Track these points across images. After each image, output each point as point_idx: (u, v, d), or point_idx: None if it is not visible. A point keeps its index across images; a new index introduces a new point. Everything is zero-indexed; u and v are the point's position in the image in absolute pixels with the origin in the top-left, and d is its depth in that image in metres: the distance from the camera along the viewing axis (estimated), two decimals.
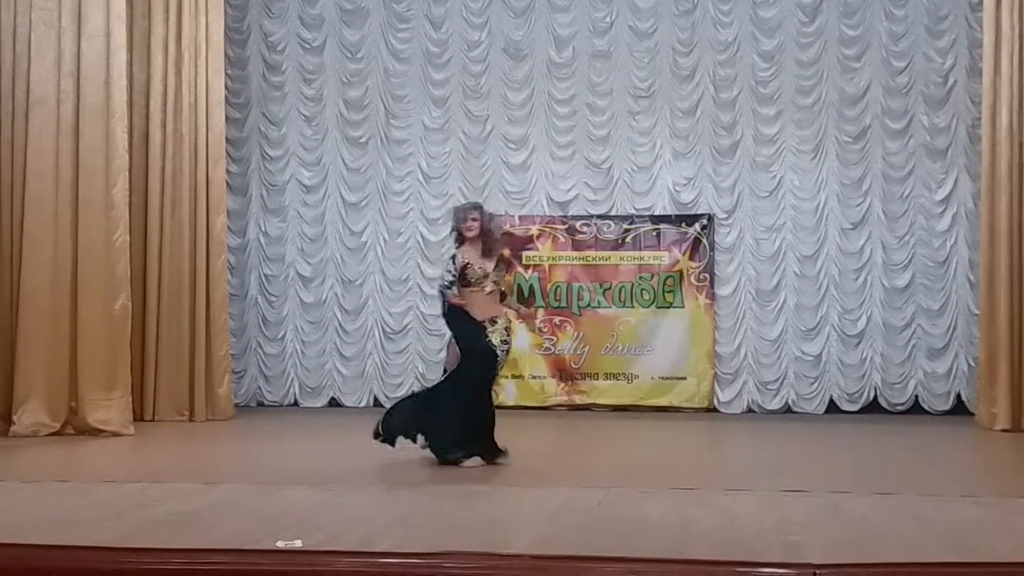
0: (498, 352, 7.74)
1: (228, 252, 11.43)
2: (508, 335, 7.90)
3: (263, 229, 12.33)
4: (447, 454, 7.62)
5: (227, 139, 11.37)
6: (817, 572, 4.28)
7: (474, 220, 7.79)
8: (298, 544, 4.79)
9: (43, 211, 9.31)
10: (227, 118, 11.32)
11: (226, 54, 11.34)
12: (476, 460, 7.63)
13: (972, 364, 11.11)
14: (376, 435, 7.76)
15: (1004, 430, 9.91)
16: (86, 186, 9.41)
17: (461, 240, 7.84)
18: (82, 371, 9.35)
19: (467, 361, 7.73)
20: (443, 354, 9.47)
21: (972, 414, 10.79)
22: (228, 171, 11.55)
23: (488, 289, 7.75)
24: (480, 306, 7.72)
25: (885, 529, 5.49)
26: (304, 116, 12.28)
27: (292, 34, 12.29)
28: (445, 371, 8.24)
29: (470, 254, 7.76)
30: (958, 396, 11.42)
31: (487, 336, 7.70)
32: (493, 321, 7.76)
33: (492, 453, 7.72)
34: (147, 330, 10.54)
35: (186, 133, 10.63)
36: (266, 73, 12.31)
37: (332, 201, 12.26)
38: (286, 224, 12.32)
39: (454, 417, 7.61)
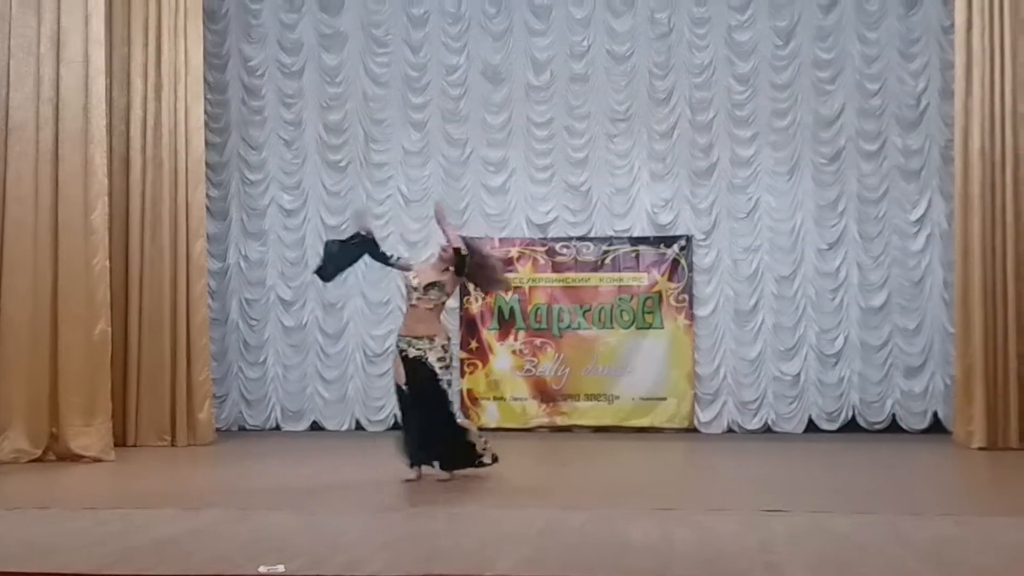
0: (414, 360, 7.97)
1: (208, 276, 11.43)
2: (445, 353, 8.04)
3: (243, 253, 12.33)
4: (410, 459, 8.05)
5: (207, 163, 11.39)
6: None
7: (449, 248, 8.11)
8: (280, 569, 4.79)
9: (23, 237, 9.30)
10: (207, 143, 11.35)
11: (205, 79, 11.35)
12: (437, 469, 8.04)
13: (948, 383, 11.21)
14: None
15: (981, 448, 10.00)
16: (66, 211, 9.42)
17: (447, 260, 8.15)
18: (63, 397, 9.32)
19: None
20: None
21: (949, 432, 10.88)
22: (208, 195, 11.57)
23: (412, 301, 8.08)
24: (406, 317, 8.19)
25: (866, 548, 5.53)
26: (284, 140, 12.31)
27: (271, 59, 12.33)
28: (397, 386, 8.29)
29: (421, 268, 8.27)
30: (935, 415, 11.51)
31: (406, 347, 8.02)
32: (428, 338, 7.99)
33: (450, 462, 8.02)
34: (128, 355, 10.52)
35: (166, 158, 10.65)
36: (246, 98, 12.34)
37: (312, 225, 12.27)
38: (266, 248, 12.32)
39: (412, 426, 8.05)
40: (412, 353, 8.02)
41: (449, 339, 8.26)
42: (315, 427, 12.15)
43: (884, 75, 11.67)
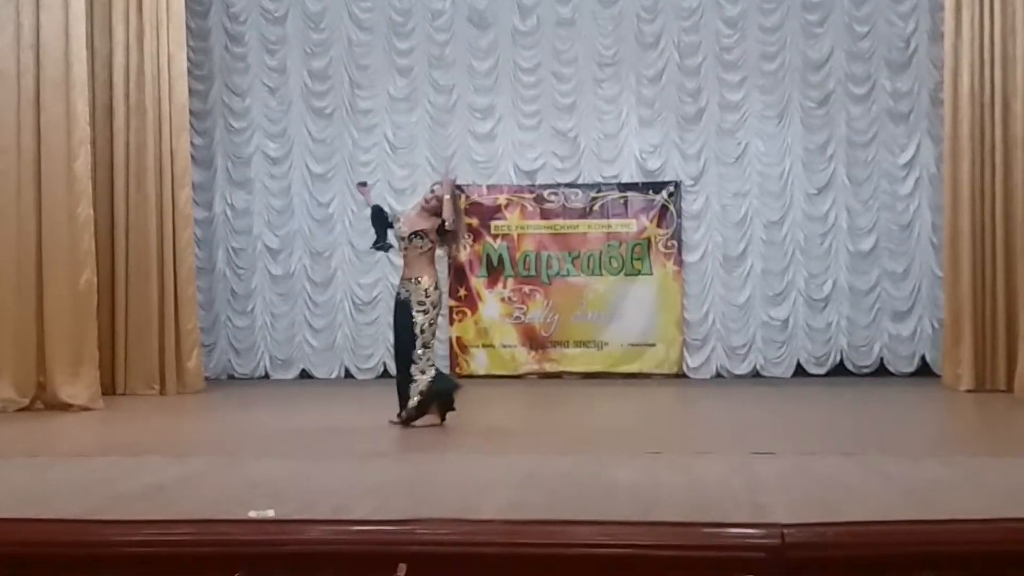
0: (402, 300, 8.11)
1: (194, 225, 11.36)
2: (426, 298, 8.04)
3: (229, 202, 12.25)
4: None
5: (191, 111, 11.28)
6: (785, 532, 4.35)
7: (434, 195, 8.20)
8: (270, 514, 4.80)
9: (6, 186, 9.24)
10: (190, 90, 11.21)
11: (188, 26, 11.22)
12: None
13: (936, 326, 11.25)
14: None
15: (969, 391, 10.05)
16: (48, 160, 9.34)
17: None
18: (49, 346, 9.30)
19: None
20: None
21: (937, 375, 10.93)
22: (192, 143, 11.48)
23: (400, 248, 8.28)
24: (407, 263, 8.27)
25: (853, 489, 5.56)
26: (268, 87, 12.20)
27: (254, 4, 12.17)
28: None
29: (406, 217, 8.35)
30: (923, 358, 11.56)
31: (400, 289, 8.22)
32: (414, 280, 8.08)
33: (406, 410, 8.04)
34: (115, 304, 10.49)
35: (149, 106, 10.54)
36: (228, 44, 12.20)
37: (298, 173, 12.20)
38: (252, 196, 12.25)
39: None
40: (402, 295, 8.15)
41: (437, 286, 8.21)
42: (304, 375, 12.16)
43: (873, 17, 11.58)
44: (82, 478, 6.06)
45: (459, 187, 11.33)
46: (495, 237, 11.89)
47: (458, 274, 11.87)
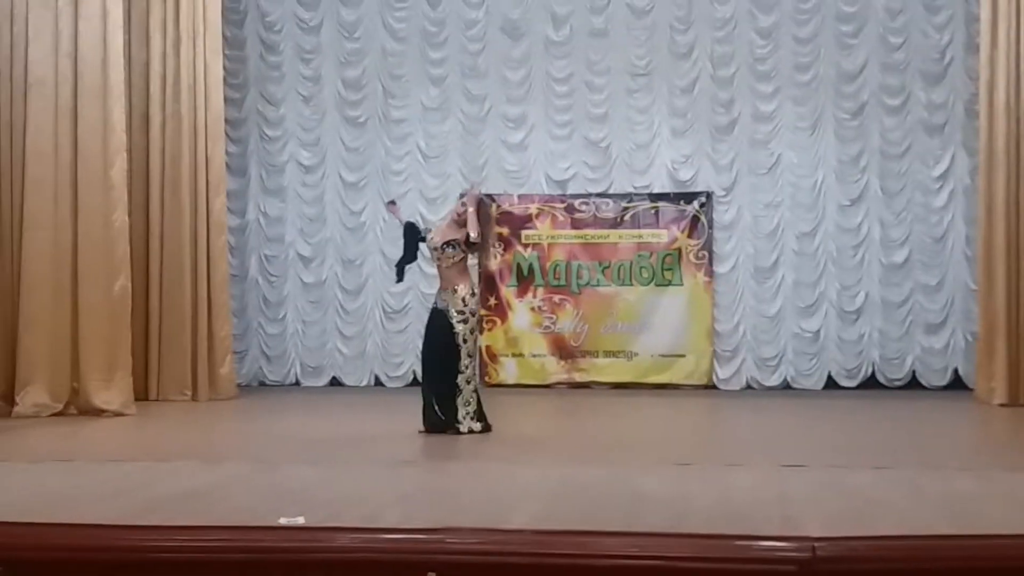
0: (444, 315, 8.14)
1: (228, 232, 11.44)
2: (465, 306, 8.11)
3: (263, 209, 12.34)
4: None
5: (226, 119, 11.36)
6: (816, 545, 4.32)
7: (463, 206, 8.26)
8: (300, 521, 4.82)
9: (43, 193, 9.33)
10: (225, 98, 11.30)
11: (223, 35, 11.30)
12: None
13: (969, 339, 11.15)
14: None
15: (1002, 404, 9.96)
16: (85, 167, 9.43)
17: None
18: (83, 352, 9.38)
19: None
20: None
21: (970, 389, 10.83)
22: (227, 151, 11.56)
23: (434, 259, 8.36)
24: (442, 274, 8.30)
25: (884, 502, 5.53)
26: (302, 96, 12.27)
27: (289, 14, 12.26)
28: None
29: (438, 228, 8.44)
30: (955, 371, 11.46)
31: (436, 300, 8.28)
32: (451, 290, 8.13)
33: (428, 419, 8.08)
34: (149, 311, 10.58)
35: (185, 114, 10.63)
36: (264, 53, 12.29)
37: (331, 181, 12.27)
38: (285, 204, 12.32)
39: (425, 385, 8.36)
40: (439, 304, 8.19)
41: (474, 293, 8.33)
42: (334, 383, 12.20)
43: (908, 29, 11.52)
44: (115, 483, 6.12)
45: (488, 196, 11.45)
46: (526, 246, 11.90)
47: (488, 283, 11.89)
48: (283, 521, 4.81)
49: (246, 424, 9.65)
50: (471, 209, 8.14)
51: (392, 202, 9.28)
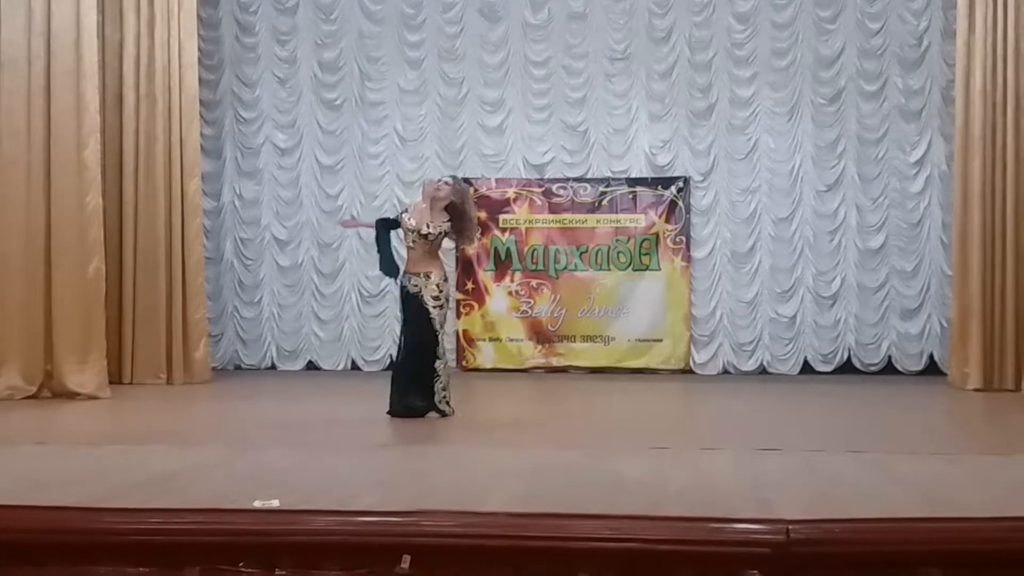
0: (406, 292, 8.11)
1: (203, 215, 11.36)
2: (439, 292, 8.06)
3: (238, 192, 12.26)
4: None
5: (200, 101, 11.27)
6: (790, 528, 4.35)
7: (445, 185, 8.22)
8: (275, 504, 4.80)
9: (15, 174, 9.23)
10: (200, 80, 11.22)
11: (199, 15, 11.21)
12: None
13: (945, 325, 11.21)
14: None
15: (976, 389, 10.03)
16: (58, 148, 9.34)
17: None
18: (57, 335, 9.31)
19: None
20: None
21: (944, 374, 10.90)
22: (202, 134, 11.47)
23: (408, 242, 8.17)
24: (408, 258, 8.23)
25: (858, 486, 5.55)
26: (278, 78, 12.19)
27: None
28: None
29: (415, 209, 8.29)
30: (931, 356, 11.53)
31: (407, 283, 8.13)
32: (424, 275, 8.04)
33: (402, 403, 8.06)
34: (123, 294, 10.52)
35: (159, 95, 10.55)
36: (239, 35, 12.19)
37: (307, 164, 12.20)
38: (261, 187, 12.25)
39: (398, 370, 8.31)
40: (411, 290, 8.08)
41: (446, 278, 8.24)
42: (311, 367, 12.16)
43: (886, 14, 11.54)
44: (89, 466, 6.08)
45: (466, 180, 11.41)
46: (503, 231, 11.88)
47: (465, 267, 11.87)
48: (258, 504, 4.79)
49: (221, 408, 9.61)
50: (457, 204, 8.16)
51: (345, 220, 9.14)
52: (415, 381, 8.03)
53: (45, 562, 4.45)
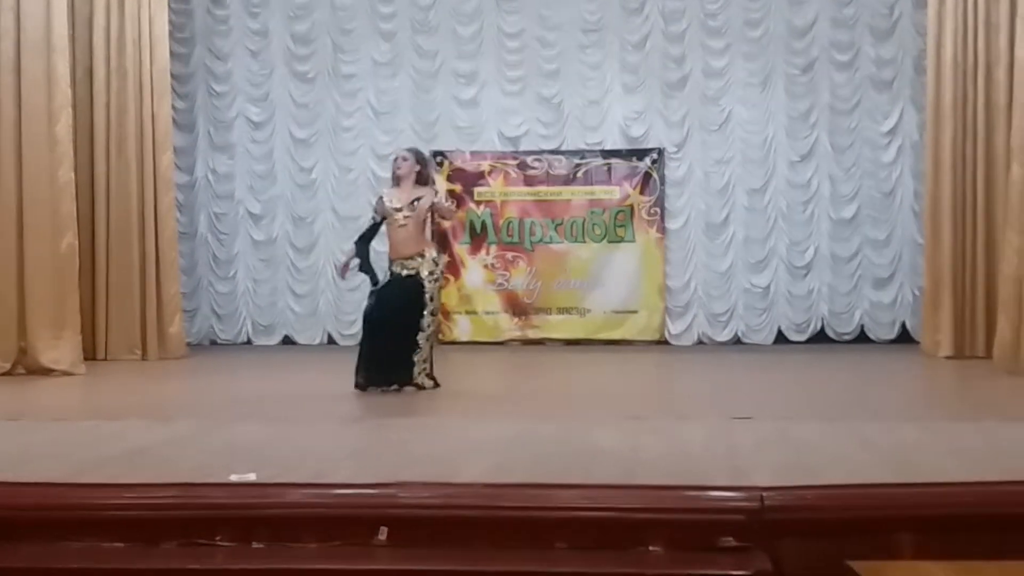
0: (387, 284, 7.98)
1: (176, 190, 11.30)
2: (436, 266, 7.98)
3: (211, 166, 12.20)
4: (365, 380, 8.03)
5: (172, 74, 11.19)
6: (764, 495, 4.40)
7: (404, 160, 8.06)
8: (251, 477, 4.80)
9: None
10: (172, 53, 11.13)
11: None
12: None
13: (917, 293, 11.32)
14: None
15: (948, 357, 10.13)
16: (29, 123, 9.25)
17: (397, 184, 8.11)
18: (31, 311, 9.25)
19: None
20: None
21: (917, 342, 11.01)
22: (174, 107, 11.40)
23: (399, 223, 7.91)
24: (393, 242, 8.02)
25: (831, 453, 5.59)
26: (250, 51, 12.11)
27: None
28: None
29: (392, 192, 8.06)
30: (903, 325, 11.63)
31: (399, 270, 7.94)
32: (418, 256, 7.91)
33: (369, 376, 7.97)
34: (96, 269, 10.46)
35: (130, 68, 10.47)
36: (211, 7, 12.10)
37: (281, 138, 12.15)
38: (234, 161, 12.19)
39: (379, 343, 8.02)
40: (407, 272, 7.93)
41: (438, 251, 8.24)
42: (287, 341, 12.15)
43: None
44: (64, 441, 6.05)
45: (439, 152, 11.47)
46: (478, 204, 11.88)
47: (441, 241, 11.83)
48: (234, 478, 4.79)
49: (196, 383, 9.58)
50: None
51: (341, 273, 8.62)
52: (394, 356, 7.90)
53: (21, 537, 4.44)
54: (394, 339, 7.90)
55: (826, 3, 11.62)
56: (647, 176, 11.77)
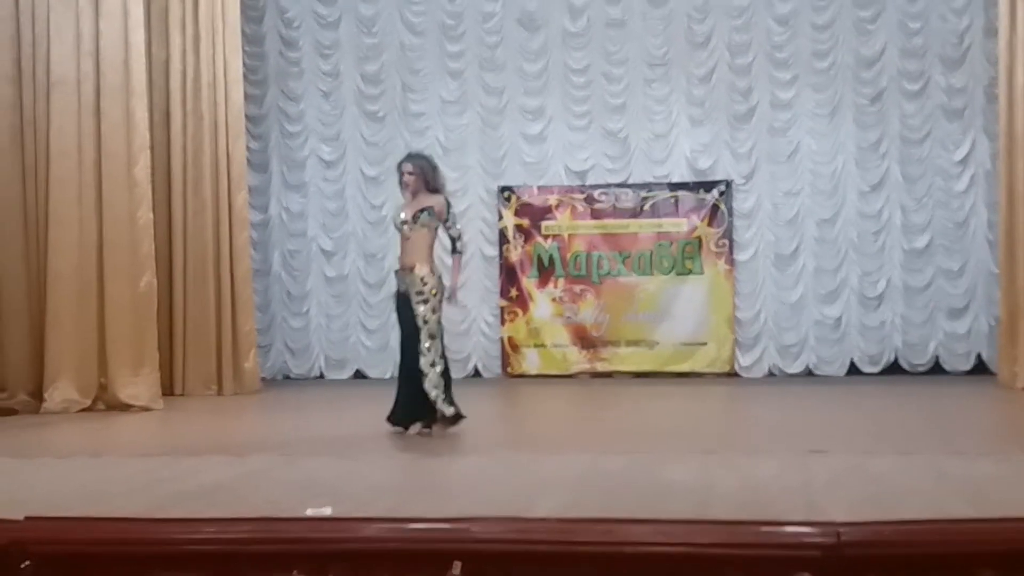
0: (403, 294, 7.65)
1: (251, 228, 11.52)
2: (424, 286, 7.53)
3: (284, 205, 12.41)
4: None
5: (246, 116, 11.43)
6: (840, 530, 4.34)
7: (410, 174, 7.73)
8: (327, 512, 4.86)
9: (67, 191, 9.41)
10: (246, 95, 11.37)
11: (243, 31, 11.36)
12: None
13: (992, 324, 11.13)
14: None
15: None
16: (109, 165, 9.51)
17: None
18: (111, 348, 9.47)
19: None
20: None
21: (993, 374, 10.81)
22: (248, 148, 11.63)
23: (404, 234, 7.66)
24: (400, 251, 7.80)
25: (908, 487, 5.53)
26: (322, 91, 12.33)
27: (308, 10, 12.32)
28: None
29: (406, 205, 7.75)
30: (979, 356, 11.43)
31: (398, 282, 7.72)
32: (409, 269, 7.60)
33: (394, 413, 7.74)
34: (174, 307, 10.67)
35: (206, 111, 10.71)
36: (283, 50, 12.35)
37: (352, 176, 12.32)
38: (307, 199, 12.39)
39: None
40: (400, 288, 7.72)
41: (433, 272, 7.62)
42: (358, 375, 12.27)
43: (926, 13, 11.48)
44: (143, 477, 6.18)
45: (508, 188, 11.54)
46: (546, 237, 11.93)
47: (509, 274, 11.94)
48: (310, 512, 4.86)
49: (271, 417, 9.72)
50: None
51: (450, 299, 7.95)
52: (409, 384, 7.63)
53: (100, 573, 4.53)
54: (405, 370, 7.68)
55: (895, 33, 11.55)
56: (715, 208, 11.74)
